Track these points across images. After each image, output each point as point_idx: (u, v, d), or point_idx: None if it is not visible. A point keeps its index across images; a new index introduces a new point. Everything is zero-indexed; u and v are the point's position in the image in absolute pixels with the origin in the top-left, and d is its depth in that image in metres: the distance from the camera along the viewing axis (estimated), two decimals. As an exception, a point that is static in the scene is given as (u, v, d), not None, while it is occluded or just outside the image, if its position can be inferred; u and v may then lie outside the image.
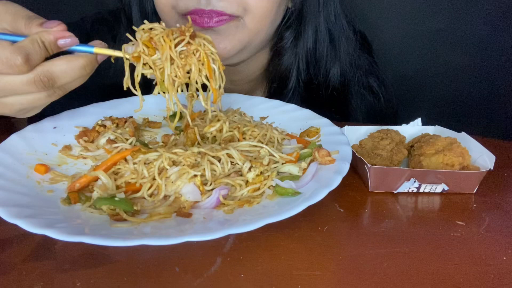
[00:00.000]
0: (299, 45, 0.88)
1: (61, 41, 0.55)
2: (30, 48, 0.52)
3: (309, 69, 0.90)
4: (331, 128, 0.69)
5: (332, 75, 0.91)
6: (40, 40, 0.53)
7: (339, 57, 0.91)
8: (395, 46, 1.26)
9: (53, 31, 0.54)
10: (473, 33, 1.22)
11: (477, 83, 1.27)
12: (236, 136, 0.68)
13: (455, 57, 1.25)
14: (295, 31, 0.88)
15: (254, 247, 0.49)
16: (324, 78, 0.91)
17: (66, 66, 0.54)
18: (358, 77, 0.95)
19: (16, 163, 0.59)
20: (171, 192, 0.55)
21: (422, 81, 1.30)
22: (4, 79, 0.52)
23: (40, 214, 0.48)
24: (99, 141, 0.67)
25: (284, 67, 0.90)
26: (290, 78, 0.90)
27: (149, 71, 0.60)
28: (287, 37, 0.88)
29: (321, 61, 0.90)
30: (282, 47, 0.89)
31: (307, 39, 0.87)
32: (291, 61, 0.89)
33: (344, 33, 0.91)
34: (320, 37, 0.88)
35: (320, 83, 0.91)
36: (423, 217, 0.57)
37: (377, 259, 0.48)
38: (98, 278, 0.45)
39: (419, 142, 0.65)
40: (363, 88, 0.96)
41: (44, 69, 0.53)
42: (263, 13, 0.77)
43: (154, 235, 0.46)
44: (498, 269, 0.47)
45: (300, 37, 0.88)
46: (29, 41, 0.52)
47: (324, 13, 0.87)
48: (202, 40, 0.62)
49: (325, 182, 0.53)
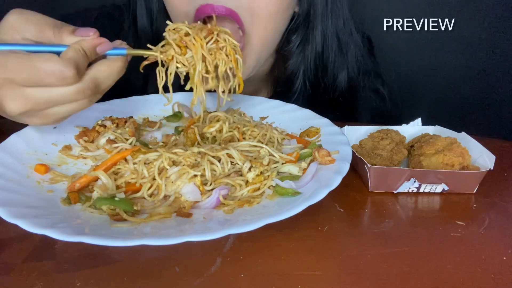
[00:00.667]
0: (307, 49, 0.87)
1: (99, 48, 0.56)
2: (77, 58, 0.53)
3: (317, 74, 0.89)
4: (331, 128, 0.69)
5: (340, 80, 0.90)
6: (82, 49, 0.54)
7: (347, 63, 0.90)
8: (395, 46, 1.26)
9: (91, 39, 0.55)
10: (473, 33, 1.22)
11: (477, 83, 1.27)
12: (236, 136, 0.68)
13: (455, 57, 1.25)
14: (302, 35, 0.86)
15: (254, 247, 0.49)
16: (331, 83, 0.90)
17: (109, 71, 0.56)
18: (365, 82, 0.95)
19: (16, 163, 0.59)
20: (171, 192, 0.55)
21: (422, 81, 1.30)
22: (56, 91, 0.53)
23: (40, 214, 0.48)
24: (99, 141, 0.66)
25: (290, 71, 0.89)
26: (296, 82, 0.89)
27: (183, 69, 0.64)
28: (294, 41, 0.87)
29: (329, 66, 0.89)
30: (289, 51, 0.88)
31: (315, 43, 0.86)
32: (297, 65, 0.88)
33: (353, 39, 0.90)
34: (329, 42, 0.87)
35: (327, 87, 0.90)
36: (423, 217, 0.57)
37: (377, 259, 0.48)
38: (98, 278, 0.45)
39: (419, 142, 0.65)
40: (370, 91, 0.96)
41: (90, 77, 0.55)
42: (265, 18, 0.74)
43: (154, 235, 0.46)
44: (498, 269, 0.47)
45: (308, 41, 0.86)
46: (74, 51, 0.53)
47: (332, 18, 0.86)
48: (225, 35, 0.66)
49: (325, 182, 0.53)
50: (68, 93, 0.53)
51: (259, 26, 0.74)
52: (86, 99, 0.56)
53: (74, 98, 0.54)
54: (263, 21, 0.74)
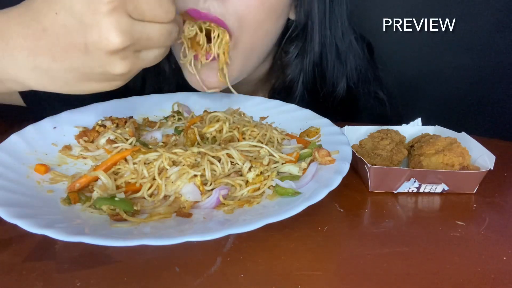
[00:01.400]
0: (305, 60, 0.86)
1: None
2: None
3: (316, 83, 0.89)
4: (331, 128, 0.69)
5: (339, 90, 0.90)
6: None
7: (346, 72, 0.90)
8: (395, 46, 1.26)
9: None
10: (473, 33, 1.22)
11: (477, 83, 1.27)
12: (236, 137, 0.68)
13: (455, 58, 1.25)
14: (300, 46, 0.86)
15: (254, 247, 0.50)
16: (330, 92, 0.90)
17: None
18: (365, 90, 0.94)
19: (16, 163, 0.59)
20: (171, 192, 0.55)
21: (422, 81, 1.30)
22: (157, 28, 0.50)
23: (40, 214, 0.48)
24: (99, 141, 0.66)
25: (288, 81, 0.89)
26: (295, 91, 0.89)
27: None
28: (292, 52, 0.86)
29: (327, 75, 0.89)
30: (287, 61, 0.87)
31: (313, 54, 0.86)
32: (296, 75, 0.88)
33: (352, 50, 0.90)
34: (327, 52, 0.86)
35: (326, 96, 0.90)
36: (423, 217, 0.57)
37: (377, 259, 0.48)
38: (98, 278, 0.45)
39: (419, 142, 0.65)
40: (370, 97, 0.96)
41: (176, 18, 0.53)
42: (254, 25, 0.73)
43: (154, 235, 0.46)
44: (498, 269, 0.47)
45: (306, 52, 0.86)
46: None
47: (331, 29, 0.85)
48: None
49: (325, 182, 0.53)
50: (164, 32, 0.51)
51: (247, 32, 0.72)
52: (168, 45, 0.54)
53: (165, 40, 0.52)
54: (251, 27, 0.72)
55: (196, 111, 0.81)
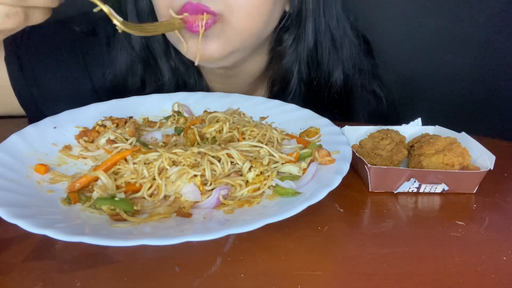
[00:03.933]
0: (300, 48, 0.87)
1: None
2: None
3: (311, 72, 0.89)
4: (331, 128, 0.69)
5: (335, 78, 0.90)
6: None
7: (342, 61, 0.90)
8: (395, 46, 1.26)
9: None
10: (473, 33, 1.22)
11: (477, 83, 1.27)
12: (235, 137, 0.68)
13: (455, 58, 1.24)
14: (294, 34, 0.86)
15: (254, 247, 0.49)
16: (326, 81, 0.90)
17: None
18: (361, 81, 0.94)
19: (16, 163, 0.59)
20: (171, 192, 0.55)
21: (422, 81, 1.30)
22: None
23: (40, 214, 0.48)
24: (99, 141, 0.66)
25: (284, 70, 0.89)
26: (291, 80, 0.89)
27: None
28: (286, 40, 0.86)
29: (323, 63, 0.89)
30: (282, 50, 0.88)
31: (308, 41, 0.86)
32: (291, 64, 0.88)
33: (347, 37, 0.90)
34: (322, 38, 0.87)
35: (322, 85, 0.90)
36: (423, 217, 0.57)
37: (377, 259, 0.48)
38: (98, 278, 0.45)
39: (419, 142, 0.65)
40: (366, 91, 0.96)
41: None
42: (249, 11, 0.73)
43: (154, 235, 0.46)
44: (498, 269, 0.47)
45: (300, 39, 0.86)
46: None
47: (325, 15, 0.85)
48: None
49: (325, 182, 0.53)
50: None
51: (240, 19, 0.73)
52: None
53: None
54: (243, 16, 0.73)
55: (196, 111, 0.81)
